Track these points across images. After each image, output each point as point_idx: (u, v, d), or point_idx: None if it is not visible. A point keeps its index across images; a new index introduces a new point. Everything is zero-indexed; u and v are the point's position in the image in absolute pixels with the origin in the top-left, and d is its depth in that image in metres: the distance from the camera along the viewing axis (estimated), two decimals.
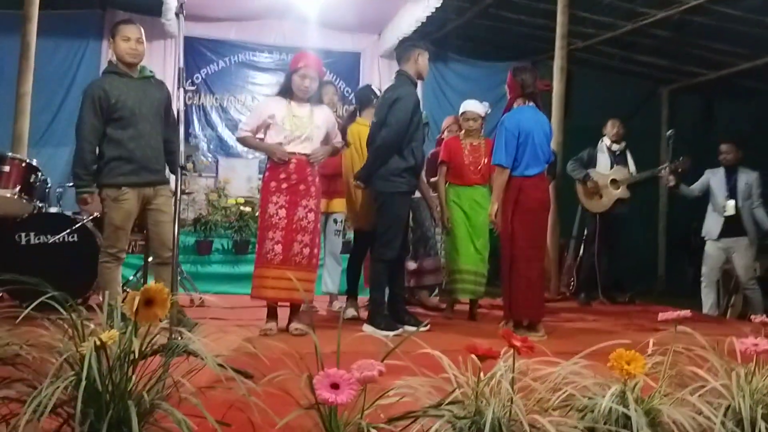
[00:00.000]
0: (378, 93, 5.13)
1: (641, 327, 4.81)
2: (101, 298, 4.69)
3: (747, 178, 6.29)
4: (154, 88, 4.17)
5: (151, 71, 4.31)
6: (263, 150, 4.38)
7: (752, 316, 2.34)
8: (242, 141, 4.40)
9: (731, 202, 6.26)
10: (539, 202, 4.53)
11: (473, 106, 5.42)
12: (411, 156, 4.41)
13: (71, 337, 1.74)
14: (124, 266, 4.39)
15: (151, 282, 3.89)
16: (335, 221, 5.44)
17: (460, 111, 5.49)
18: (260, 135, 4.33)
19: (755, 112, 10.25)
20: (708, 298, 6.46)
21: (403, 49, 4.67)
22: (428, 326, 4.42)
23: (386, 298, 4.52)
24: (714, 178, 6.41)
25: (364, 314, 4.83)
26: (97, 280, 4.39)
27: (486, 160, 5.23)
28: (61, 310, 1.74)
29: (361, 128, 5.05)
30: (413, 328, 4.34)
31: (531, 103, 4.58)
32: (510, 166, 4.44)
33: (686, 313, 2.05)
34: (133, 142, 3.97)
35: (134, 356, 1.60)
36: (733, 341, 2.06)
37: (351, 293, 5.19)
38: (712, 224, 6.42)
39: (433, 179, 5.60)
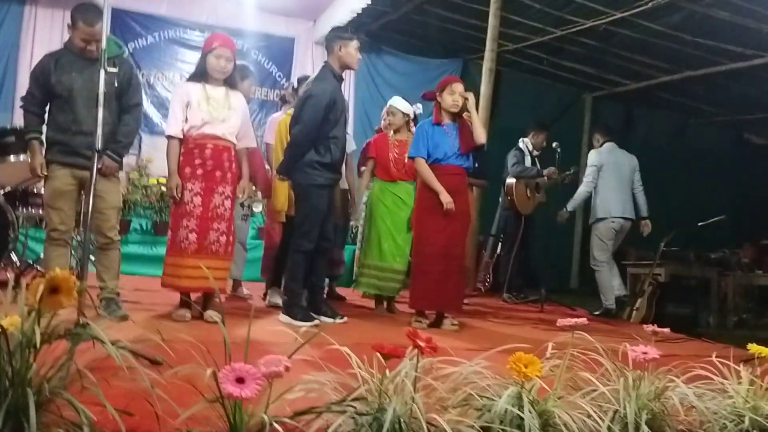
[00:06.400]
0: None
1: (549, 326, 4.96)
2: (8, 275, 4.56)
3: None
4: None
5: (120, 49, 4.21)
6: (169, 166, 4.09)
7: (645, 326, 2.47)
8: (171, 142, 4.10)
9: None
10: None
11: (397, 102, 5.43)
12: (327, 152, 4.34)
13: None
14: None
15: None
16: (242, 206, 5.25)
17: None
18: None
19: (670, 123, 10.80)
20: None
21: (328, 40, 4.56)
22: (345, 319, 4.47)
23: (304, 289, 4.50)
24: None
25: None
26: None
27: None
28: None
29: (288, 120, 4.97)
30: (330, 320, 4.36)
31: None
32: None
33: (583, 321, 2.16)
34: (68, 124, 3.82)
35: (36, 344, 1.57)
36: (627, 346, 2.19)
37: (274, 282, 5.13)
38: None
39: (363, 168, 5.62)
